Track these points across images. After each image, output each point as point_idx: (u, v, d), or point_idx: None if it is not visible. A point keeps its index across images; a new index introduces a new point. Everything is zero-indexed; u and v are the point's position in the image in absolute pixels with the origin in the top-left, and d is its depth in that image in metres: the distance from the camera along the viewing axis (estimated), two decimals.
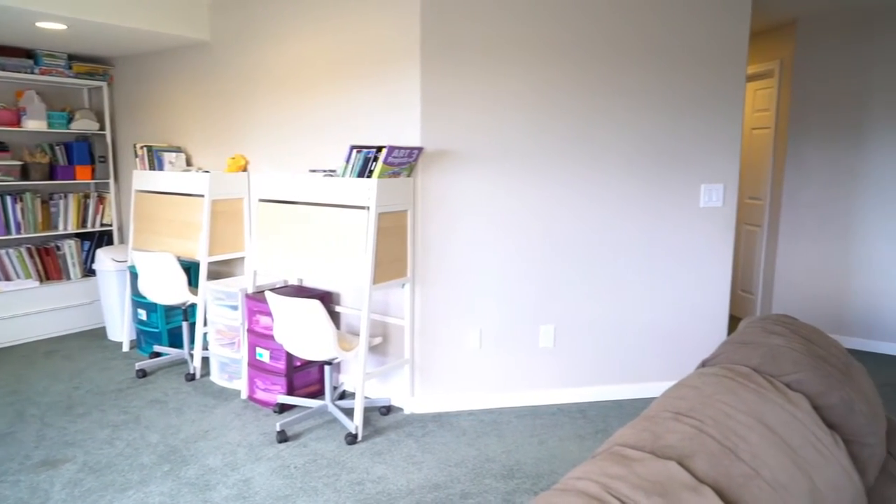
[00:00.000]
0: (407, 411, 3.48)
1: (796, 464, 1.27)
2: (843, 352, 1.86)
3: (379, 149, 3.10)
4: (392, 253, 3.24)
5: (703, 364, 1.72)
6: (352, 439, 3.10)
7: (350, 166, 3.20)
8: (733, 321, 5.15)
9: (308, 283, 3.86)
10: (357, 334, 3.56)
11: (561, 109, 3.37)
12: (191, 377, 3.91)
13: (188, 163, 4.58)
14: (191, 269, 4.24)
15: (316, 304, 2.94)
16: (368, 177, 3.13)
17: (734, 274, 5.53)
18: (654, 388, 3.70)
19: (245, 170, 4.17)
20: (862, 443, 1.58)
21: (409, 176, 3.30)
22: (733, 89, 3.51)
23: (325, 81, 3.64)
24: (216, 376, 3.89)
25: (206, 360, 4.13)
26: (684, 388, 1.44)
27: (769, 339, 1.71)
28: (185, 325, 4.04)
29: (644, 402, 3.60)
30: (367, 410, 3.49)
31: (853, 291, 4.64)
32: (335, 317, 3.77)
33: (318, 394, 3.71)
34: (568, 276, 3.51)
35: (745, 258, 5.38)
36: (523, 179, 3.39)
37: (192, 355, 4.02)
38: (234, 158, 4.13)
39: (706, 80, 3.48)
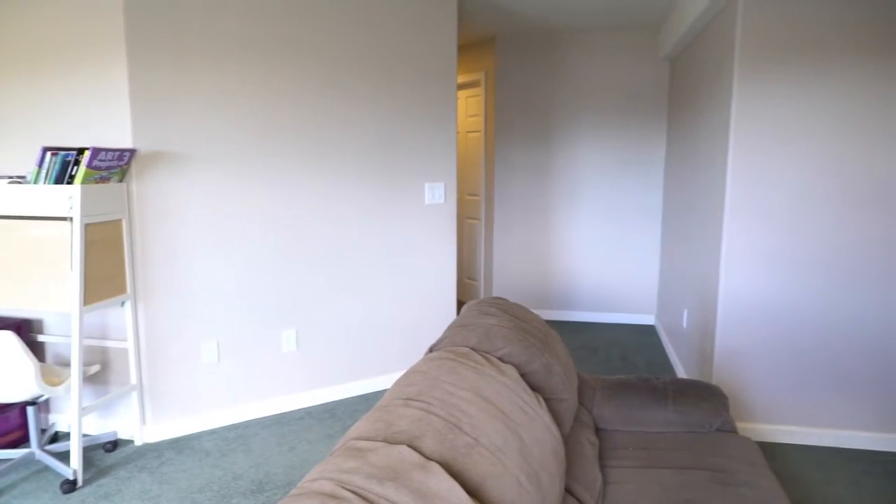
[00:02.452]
0: (138, 443, 3.13)
1: (508, 427, 1.46)
2: (543, 324, 2.19)
3: (80, 150, 2.72)
4: (106, 268, 2.88)
5: (431, 349, 1.87)
6: (70, 486, 2.69)
7: (44, 171, 2.75)
8: (462, 307, 5.67)
9: None
10: (68, 365, 3.09)
11: (292, 111, 3.34)
12: None
13: None
14: None
15: (8, 337, 2.48)
16: (69, 183, 2.73)
17: (460, 264, 6.10)
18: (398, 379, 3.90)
19: None
20: (559, 399, 1.88)
21: (121, 181, 2.96)
22: (447, 96, 3.86)
23: (6, 70, 3.07)
24: None
25: None
26: (413, 374, 1.55)
27: (484, 320, 1.93)
28: None
29: None
30: (89, 450, 3.06)
31: (554, 271, 5.46)
32: (38, 347, 3.22)
33: (22, 441, 3.14)
34: (308, 278, 3.51)
35: (468, 249, 5.96)
36: (256, 182, 3.29)
37: None
38: None
39: (425, 88, 3.76)
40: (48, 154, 2.75)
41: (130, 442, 3.15)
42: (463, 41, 5.53)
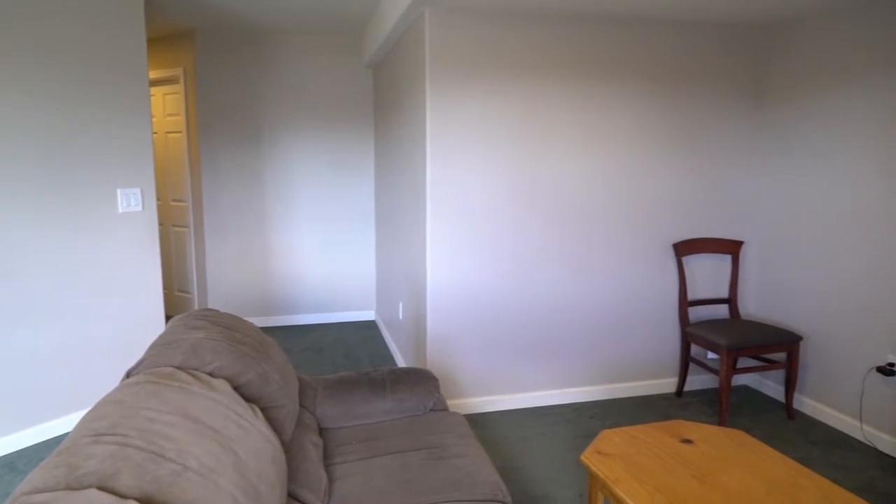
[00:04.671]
0: None
1: (221, 444, 1.38)
2: (258, 331, 2.12)
3: None
4: None
5: (129, 374, 1.67)
6: None
7: None
8: None
9: None
10: None
11: None
12: None
13: None
14: None
15: None
16: None
17: (168, 276, 5.57)
18: None
19: None
20: (278, 406, 1.84)
21: None
22: (138, 94, 3.47)
23: None
24: None
25: None
26: (106, 405, 1.37)
27: (191, 335, 1.79)
28: None
29: None
30: None
31: (274, 277, 5.33)
32: None
33: None
34: None
35: (177, 259, 5.48)
36: None
37: None
38: None
39: (111, 85, 3.32)
40: None
41: None
42: (157, 33, 5.05)
